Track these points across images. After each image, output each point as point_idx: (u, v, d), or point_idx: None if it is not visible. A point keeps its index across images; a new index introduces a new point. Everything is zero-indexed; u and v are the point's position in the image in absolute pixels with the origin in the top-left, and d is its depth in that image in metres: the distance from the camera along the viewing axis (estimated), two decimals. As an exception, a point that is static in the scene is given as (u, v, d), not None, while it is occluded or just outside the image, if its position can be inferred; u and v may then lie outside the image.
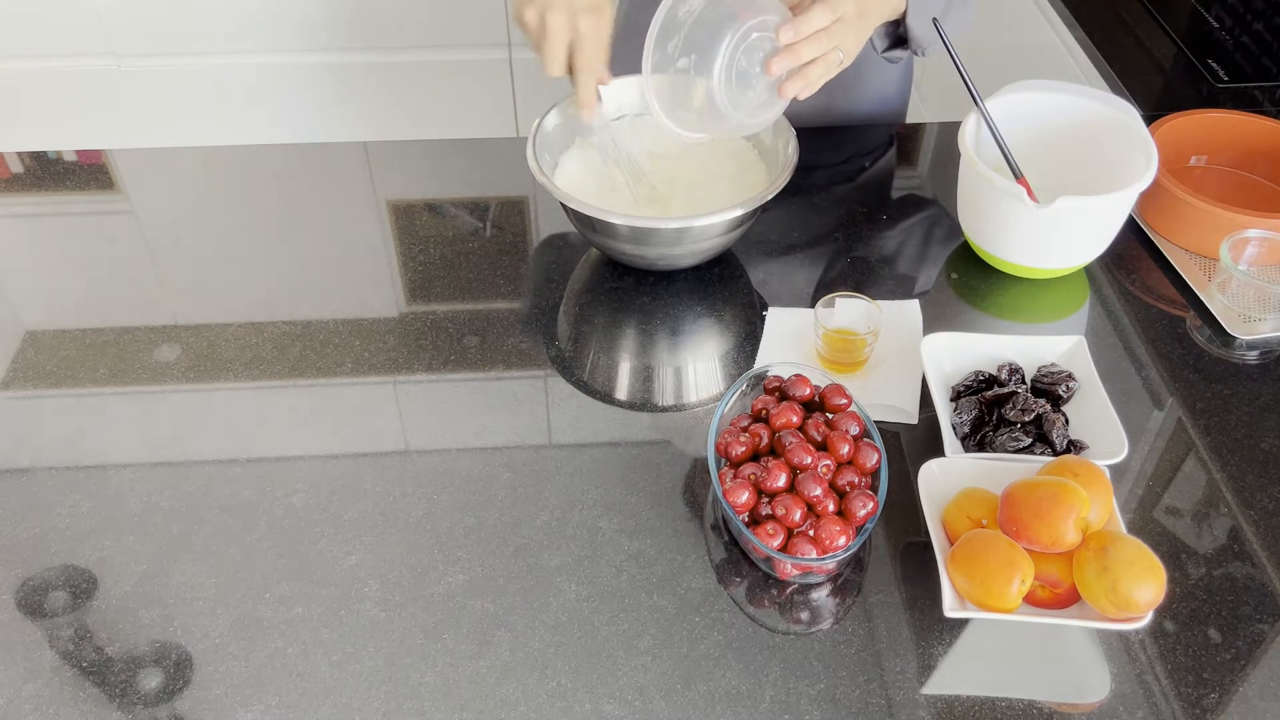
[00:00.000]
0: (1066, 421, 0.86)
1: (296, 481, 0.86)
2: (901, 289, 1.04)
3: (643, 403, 0.93)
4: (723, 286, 1.04)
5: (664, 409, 0.93)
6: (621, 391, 0.94)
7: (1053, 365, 0.90)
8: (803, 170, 1.00)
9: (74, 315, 1.01)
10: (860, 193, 1.16)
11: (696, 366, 0.97)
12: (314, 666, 0.74)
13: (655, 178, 1.05)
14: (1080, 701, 0.73)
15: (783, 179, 0.97)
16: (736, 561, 0.81)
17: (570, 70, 0.92)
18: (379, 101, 2.30)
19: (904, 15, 1.00)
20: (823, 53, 0.88)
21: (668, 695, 0.73)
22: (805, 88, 0.89)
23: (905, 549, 0.81)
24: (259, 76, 2.24)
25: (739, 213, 0.94)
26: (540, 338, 0.99)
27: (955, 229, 1.09)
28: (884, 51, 1.07)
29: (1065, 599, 0.74)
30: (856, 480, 0.79)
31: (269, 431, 0.91)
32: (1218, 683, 0.73)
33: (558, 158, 1.07)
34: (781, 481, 0.77)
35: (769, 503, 0.77)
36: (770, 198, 0.95)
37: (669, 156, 1.08)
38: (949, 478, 0.81)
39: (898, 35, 1.05)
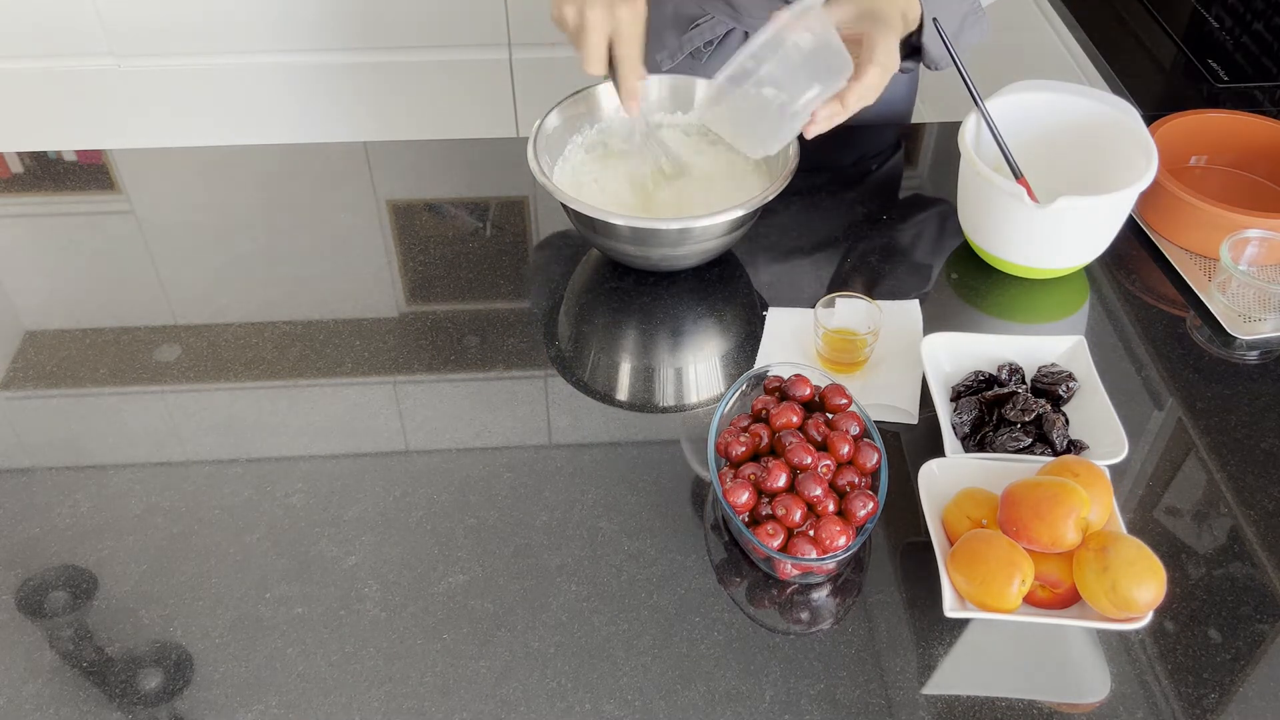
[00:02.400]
0: (1066, 421, 0.86)
1: (296, 481, 0.86)
2: (901, 289, 1.04)
3: (643, 403, 0.93)
4: (723, 287, 1.04)
5: (664, 409, 0.93)
6: (621, 391, 0.94)
7: (1053, 365, 0.90)
8: (803, 170, 1.00)
9: (74, 315, 1.01)
10: (860, 193, 1.16)
11: (697, 367, 0.97)
12: (314, 666, 0.74)
13: (672, 173, 1.05)
14: (1080, 701, 0.73)
15: (784, 179, 0.97)
16: (736, 561, 0.81)
17: (611, 64, 0.92)
18: (379, 101, 2.30)
19: (920, 29, 1.00)
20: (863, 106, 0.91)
21: (668, 695, 0.73)
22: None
23: (905, 549, 0.81)
24: (259, 76, 2.24)
25: (740, 213, 0.94)
26: (540, 338, 0.99)
27: (955, 229, 1.09)
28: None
29: (1065, 599, 0.74)
30: (856, 480, 0.79)
31: (269, 431, 0.91)
32: (1218, 683, 0.73)
33: (558, 158, 1.07)
34: (781, 481, 0.77)
35: (769, 503, 0.77)
36: (772, 198, 0.95)
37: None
38: (949, 478, 0.81)
39: (910, 47, 1.05)
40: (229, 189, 1.17)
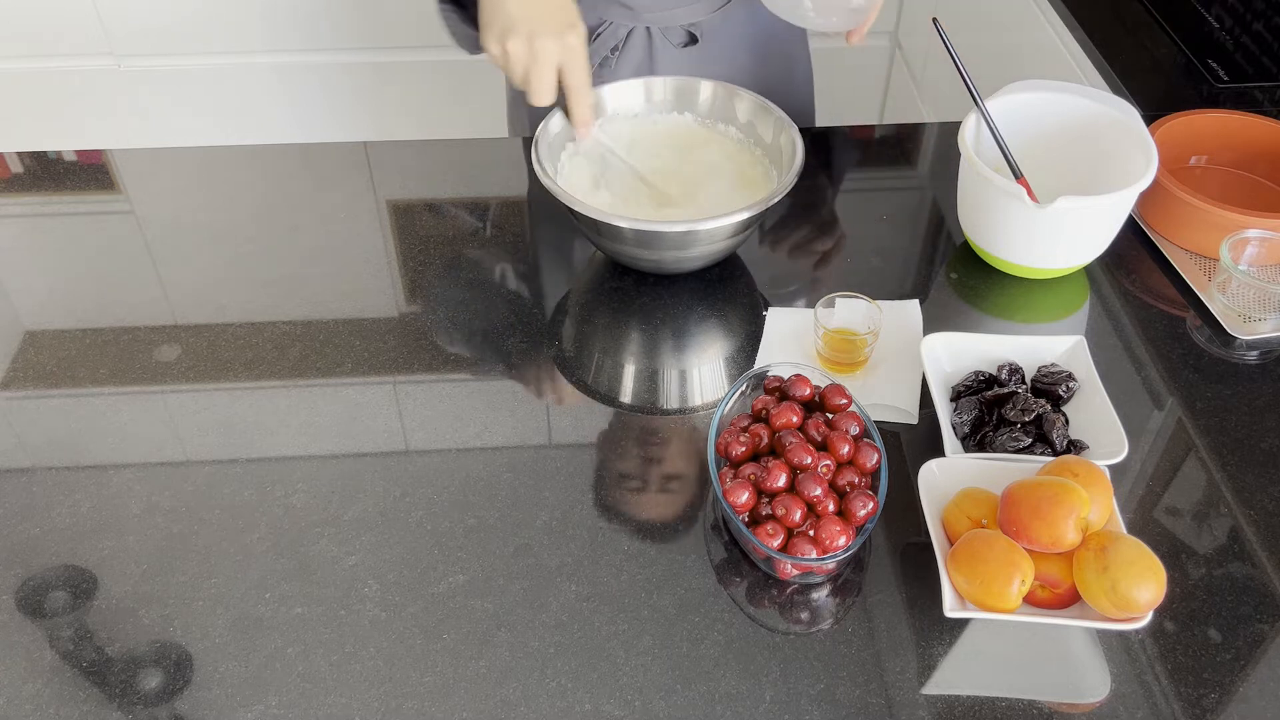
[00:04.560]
0: (1066, 421, 0.86)
1: (296, 481, 0.86)
2: (901, 289, 1.04)
3: (643, 402, 0.93)
4: (724, 286, 1.04)
5: (664, 409, 0.93)
6: (622, 391, 0.94)
7: (1053, 365, 0.90)
8: (803, 171, 0.99)
9: (74, 315, 1.01)
10: (860, 193, 1.16)
11: (697, 367, 0.97)
12: (314, 666, 0.74)
13: (658, 181, 1.05)
14: (1080, 701, 0.73)
15: (789, 179, 0.97)
16: (736, 561, 0.81)
17: (561, 92, 0.92)
18: (379, 101, 2.30)
19: None
20: None
21: (668, 695, 0.73)
22: None
23: (905, 549, 0.81)
24: (259, 76, 2.24)
25: (746, 215, 0.94)
26: (541, 338, 0.99)
27: (955, 229, 1.09)
28: None
29: (1065, 599, 0.74)
30: (856, 480, 0.79)
31: (269, 431, 0.91)
32: (1218, 683, 0.73)
33: (561, 160, 1.07)
34: (781, 481, 0.77)
35: (769, 503, 0.77)
36: (777, 199, 0.95)
37: (671, 159, 1.08)
38: (949, 478, 0.81)
39: None
40: (229, 189, 1.17)
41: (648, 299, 1.02)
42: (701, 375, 0.96)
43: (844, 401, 0.83)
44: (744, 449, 0.81)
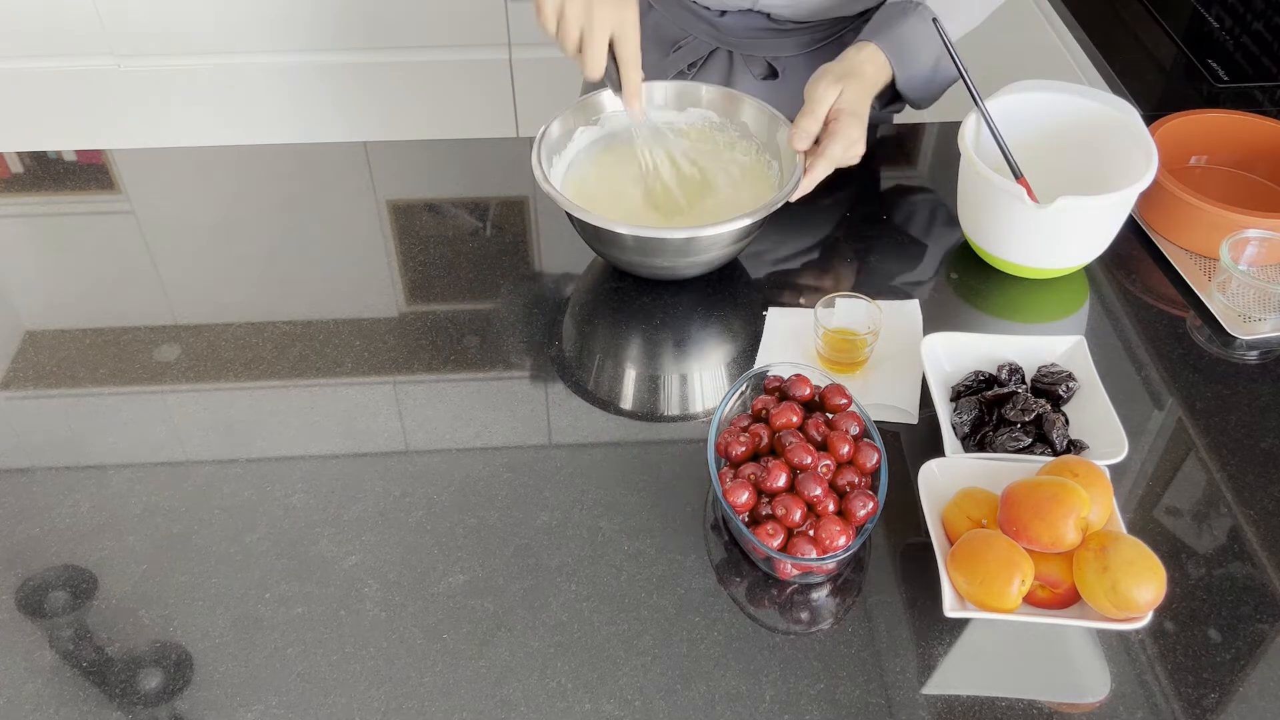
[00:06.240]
0: (1066, 421, 0.86)
1: (296, 481, 0.86)
2: (901, 289, 1.04)
3: (643, 403, 0.93)
4: (723, 287, 1.04)
5: (664, 408, 0.93)
6: (621, 392, 0.94)
7: (1053, 365, 0.90)
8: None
9: (74, 315, 1.01)
10: (860, 193, 1.16)
11: (697, 367, 0.97)
12: (314, 666, 0.74)
13: (679, 179, 1.05)
14: (1080, 701, 0.73)
15: (791, 185, 0.97)
16: (736, 561, 0.81)
17: (614, 61, 0.93)
18: (379, 101, 2.29)
19: (893, 81, 1.03)
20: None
21: (668, 695, 0.73)
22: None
23: (905, 549, 0.81)
24: (259, 76, 2.24)
25: (747, 222, 0.93)
26: (540, 338, 0.99)
27: (955, 229, 1.09)
28: (883, 109, 1.09)
29: (1065, 599, 0.74)
30: (856, 480, 0.79)
31: (269, 431, 0.91)
32: (1218, 683, 0.73)
33: (559, 158, 1.07)
34: (781, 481, 0.77)
35: (769, 503, 0.77)
36: (778, 206, 0.95)
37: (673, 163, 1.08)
38: (949, 478, 0.81)
39: (894, 93, 1.06)
40: (229, 189, 1.17)
41: (648, 300, 1.02)
42: (702, 376, 0.96)
43: (844, 401, 0.83)
44: (744, 449, 0.81)
